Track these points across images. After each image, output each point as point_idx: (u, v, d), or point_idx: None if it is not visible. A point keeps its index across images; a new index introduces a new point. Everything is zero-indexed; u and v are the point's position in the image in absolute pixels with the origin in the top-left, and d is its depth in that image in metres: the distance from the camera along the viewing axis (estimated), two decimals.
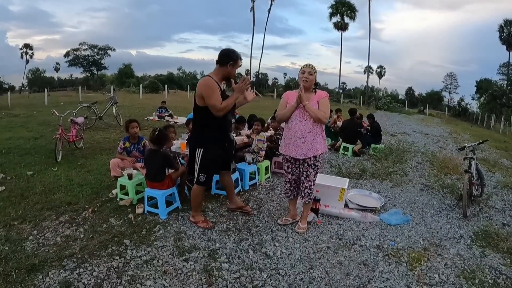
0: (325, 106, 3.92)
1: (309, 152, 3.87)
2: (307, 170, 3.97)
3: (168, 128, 5.36)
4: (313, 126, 3.87)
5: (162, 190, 4.35)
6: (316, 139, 3.88)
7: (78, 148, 8.27)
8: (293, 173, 4.11)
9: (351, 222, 4.47)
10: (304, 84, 3.84)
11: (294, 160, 4.02)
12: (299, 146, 3.88)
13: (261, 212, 4.74)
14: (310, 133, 3.85)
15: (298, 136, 3.86)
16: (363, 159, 8.49)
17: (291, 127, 3.92)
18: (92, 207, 4.54)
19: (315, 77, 3.91)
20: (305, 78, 3.84)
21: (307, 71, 3.84)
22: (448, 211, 5.09)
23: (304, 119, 3.86)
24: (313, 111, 3.78)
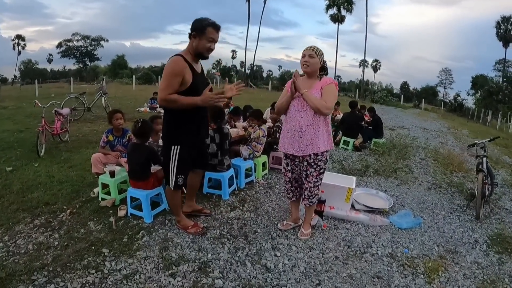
0: (329, 94, 3.27)
1: (308, 148, 3.31)
2: (306, 169, 3.44)
3: (154, 120, 4.83)
4: (314, 119, 3.28)
5: (146, 190, 3.85)
6: (318, 134, 3.30)
7: (63, 141, 7.83)
8: (293, 171, 3.59)
9: (359, 225, 4.04)
10: (304, 69, 3.32)
11: (293, 157, 3.51)
12: (296, 140, 3.34)
13: (259, 214, 4.26)
14: (309, 126, 3.28)
15: (296, 129, 3.32)
16: (365, 154, 8.11)
17: (289, 119, 3.40)
18: (71, 208, 4.11)
19: (320, 61, 3.31)
20: (304, 62, 3.28)
21: (307, 54, 3.26)
22: (459, 212, 4.75)
23: (303, 110, 3.29)
24: (311, 100, 3.19)
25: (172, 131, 3.26)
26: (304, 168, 3.44)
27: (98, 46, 68.02)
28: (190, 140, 3.31)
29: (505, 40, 51.10)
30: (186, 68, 3.04)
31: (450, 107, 44.10)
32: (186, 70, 3.03)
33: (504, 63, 54.21)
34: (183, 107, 3.06)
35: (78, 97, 11.41)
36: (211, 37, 3.04)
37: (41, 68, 77.24)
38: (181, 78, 3.01)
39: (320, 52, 3.30)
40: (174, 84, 2.99)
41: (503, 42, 51.54)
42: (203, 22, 3.05)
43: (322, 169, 3.47)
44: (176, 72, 3.00)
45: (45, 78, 57.10)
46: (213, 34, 3.05)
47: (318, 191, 3.56)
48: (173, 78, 2.99)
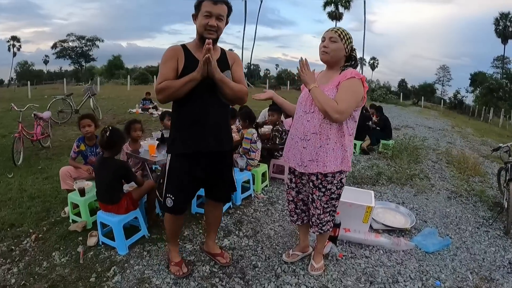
0: (346, 92, 2.38)
1: (311, 164, 2.53)
2: (312, 192, 2.66)
3: (131, 125, 4.14)
4: (322, 126, 2.47)
5: (118, 215, 3.16)
6: (325, 148, 2.48)
7: (45, 147, 7.22)
8: (299, 190, 2.84)
9: (380, 251, 3.39)
10: (322, 56, 2.50)
11: (300, 173, 2.74)
12: (298, 151, 2.58)
13: (259, 241, 3.53)
14: (315, 135, 2.48)
15: (300, 136, 2.57)
16: (374, 158, 7.49)
17: (295, 121, 2.67)
18: (37, 232, 3.51)
19: (345, 47, 2.46)
20: (323, 48, 2.46)
21: (328, 36, 2.44)
22: (486, 226, 4.20)
23: (310, 112, 2.52)
24: (318, 100, 2.37)
25: (170, 134, 2.67)
26: (310, 190, 2.69)
27: (94, 46, 68.60)
28: (182, 148, 2.54)
29: (504, 37, 50.99)
30: (179, 54, 2.47)
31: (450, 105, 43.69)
32: (180, 57, 2.47)
33: (503, 60, 54.03)
34: (180, 94, 2.39)
35: (65, 98, 10.78)
36: (206, 10, 2.37)
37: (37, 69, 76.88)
38: (172, 64, 2.45)
39: (346, 35, 2.46)
40: (165, 71, 2.42)
41: (502, 39, 51.46)
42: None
43: (335, 194, 2.65)
44: (165, 58, 2.46)
45: (41, 80, 56.73)
46: (209, 7, 2.37)
47: (332, 217, 2.80)
48: (163, 65, 2.45)
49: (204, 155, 2.56)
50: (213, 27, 2.39)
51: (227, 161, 2.80)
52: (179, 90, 2.35)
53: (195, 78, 2.32)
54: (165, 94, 2.37)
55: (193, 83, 2.34)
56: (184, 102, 2.46)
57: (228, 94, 2.44)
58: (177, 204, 2.63)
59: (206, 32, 2.39)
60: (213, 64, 2.29)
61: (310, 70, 2.50)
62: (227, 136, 2.69)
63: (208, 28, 2.38)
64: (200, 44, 2.43)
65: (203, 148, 2.52)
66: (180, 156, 2.57)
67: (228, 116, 2.75)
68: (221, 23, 2.43)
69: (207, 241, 3.15)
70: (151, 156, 3.74)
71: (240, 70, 2.68)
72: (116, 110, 13.23)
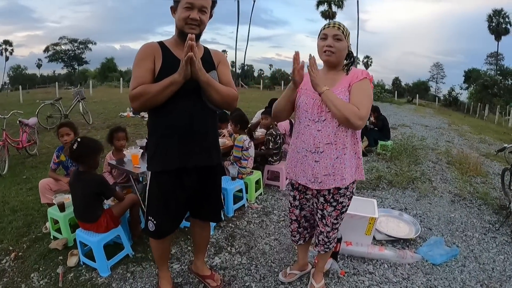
0: (363, 95, 2.13)
1: (327, 179, 2.22)
2: (323, 207, 2.36)
3: (114, 134, 3.89)
4: (338, 134, 2.16)
5: (98, 234, 2.88)
6: (343, 158, 2.19)
7: (32, 155, 6.94)
8: (303, 207, 2.54)
9: (384, 265, 3.15)
10: (327, 58, 2.19)
11: (304, 188, 2.45)
12: (309, 165, 2.24)
13: (253, 257, 3.25)
14: (330, 146, 2.17)
15: (309, 149, 2.21)
16: (372, 159, 7.28)
17: (299, 132, 2.30)
18: (17, 250, 3.27)
19: (348, 45, 2.21)
20: (327, 47, 2.15)
21: (332, 34, 2.14)
22: (493, 231, 4.02)
23: (321, 120, 2.17)
24: (335, 105, 2.05)
25: (148, 148, 2.31)
26: (320, 206, 2.37)
27: (86, 49, 68.46)
28: (162, 164, 2.19)
29: (497, 34, 51.06)
30: (156, 52, 2.10)
31: (445, 102, 43.67)
32: (157, 55, 2.09)
33: (496, 56, 54.14)
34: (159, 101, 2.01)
35: (54, 103, 10.51)
36: (187, 2, 2.02)
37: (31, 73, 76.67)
38: (148, 64, 2.06)
39: (347, 31, 2.19)
40: (139, 74, 2.04)
41: (495, 36, 51.53)
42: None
43: (346, 207, 2.39)
44: (139, 58, 2.08)
45: (35, 84, 56.42)
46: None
47: (338, 232, 2.55)
48: (137, 66, 2.07)
49: (189, 171, 2.21)
50: (195, 20, 2.04)
51: (216, 176, 2.46)
52: (157, 96, 1.98)
53: (176, 81, 1.96)
54: (141, 101, 1.99)
55: (175, 87, 1.98)
56: (164, 109, 2.08)
57: (215, 99, 2.10)
58: (160, 228, 2.29)
59: (187, 26, 2.04)
60: (197, 64, 1.95)
61: (319, 71, 2.17)
62: (215, 148, 2.33)
63: (189, 22, 2.04)
64: (180, 41, 2.11)
65: (188, 163, 2.18)
66: (161, 173, 2.22)
67: (216, 124, 2.42)
68: (204, 17, 2.09)
69: (196, 262, 2.82)
70: (134, 166, 3.45)
71: (228, 71, 2.34)
72: (107, 114, 12.96)
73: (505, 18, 50.12)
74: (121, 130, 3.96)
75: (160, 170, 2.20)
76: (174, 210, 2.31)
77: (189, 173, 2.21)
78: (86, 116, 10.92)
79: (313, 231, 2.65)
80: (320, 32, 2.21)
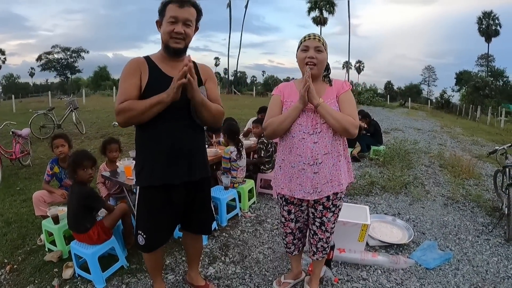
0: (352, 106, 2.27)
1: (326, 187, 2.27)
2: (322, 215, 2.39)
3: (107, 146, 3.90)
4: (333, 144, 2.25)
5: (92, 247, 2.88)
6: (338, 165, 2.28)
7: (25, 166, 6.90)
8: (298, 219, 2.55)
9: (378, 271, 3.17)
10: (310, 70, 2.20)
11: (299, 201, 2.45)
12: (308, 178, 2.25)
13: (247, 267, 3.25)
14: (328, 155, 2.23)
15: (308, 162, 2.23)
16: (365, 165, 7.30)
17: (293, 146, 2.29)
18: (12, 262, 3.26)
19: (326, 57, 2.29)
20: (310, 59, 2.20)
21: (313, 46, 2.20)
22: (486, 234, 4.05)
23: (317, 132, 2.22)
24: (334, 117, 2.15)
25: (136, 163, 2.32)
26: (319, 214, 2.40)
27: (79, 58, 68.12)
28: (150, 180, 2.20)
29: (487, 35, 51.61)
30: (142, 67, 2.11)
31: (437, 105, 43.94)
32: (143, 70, 2.10)
33: (487, 58, 54.70)
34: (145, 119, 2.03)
35: (47, 113, 10.45)
36: (171, 16, 2.03)
37: (23, 82, 76.63)
38: (134, 80, 2.07)
39: (326, 42, 2.28)
40: (126, 89, 2.05)
41: (485, 37, 52.09)
42: (163, 1, 2.10)
43: (340, 208, 2.48)
44: (125, 73, 2.09)
45: (28, 93, 56.23)
46: (174, 11, 2.04)
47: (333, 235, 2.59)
48: (123, 81, 2.08)
49: (176, 186, 2.21)
50: (180, 34, 2.06)
51: (204, 190, 2.47)
52: (143, 114, 2.00)
53: (164, 101, 1.98)
54: (126, 116, 2.00)
55: (161, 106, 2.00)
56: (150, 127, 2.11)
57: (206, 118, 2.15)
58: (150, 242, 2.30)
59: (172, 40, 2.07)
60: (194, 85, 1.98)
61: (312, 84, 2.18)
62: (201, 164, 2.34)
63: (174, 36, 2.06)
64: (166, 55, 2.15)
65: (175, 180, 2.19)
66: (149, 188, 2.23)
67: (202, 139, 2.43)
68: (189, 30, 2.11)
69: (190, 272, 2.83)
70: (127, 178, 3.44)
71: (215, 87, 2.37)
72: (100, 123, 12.88)
73: (494, 20, 50.85)
74: (114, 142, 3.98)
75: (147, 186, 2.22)
76: (163, 224, 2.33)
77: (176, 189, 2.23)
78: (79, 126, 10.89)
79: (305, 240, 2.68)
80: (301, 44, 2.25)
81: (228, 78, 59.51)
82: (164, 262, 3.09)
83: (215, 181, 4.44)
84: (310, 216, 2.48)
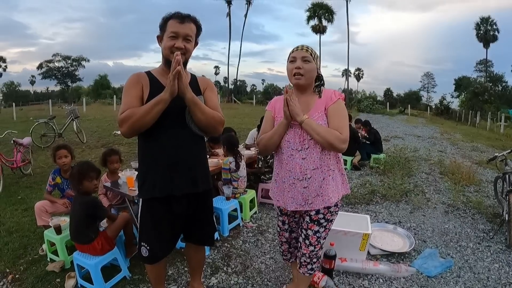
0: (341, 117, 2.20)
1: (317, 200, 2.26)
2: (307, 227, 2.37)
3: (108, 158, 3.91)
4: (322, 159, 2.22)
5: (95, 257, 2.88)
6: (328, 179, 2.25)
7: (26, 175, 6.90)
8: (293, 229, 2.58)
9: (380, 279, 3.17)
10: (296, 81, 2.22)
11: (293, 212, 2.48)
12: (299, 192, 2.27)
13: (249, 277, 3.23)
14: (316, 170, 2.22)
15: (297, 177, 2.25)
16: (366, 173, 7.32)
17: (283, 161, 2.31)
18: (14, 272, 3.25)
19: (317, 67, 2.27)
20: (297, 70, 2.19)
21: (300, 56, 2.19)
22: (487, 240, 4.06)
23: (304, 148, 2.22)
24: (318, 132, 2.12)
25: (138, 175, 2.35)
26: (305, 225, 2.38)
27: (80, 66, 68.14)
28: (152, 192, 2.21)
29: (485, 41, 51.67)
30: (143, 80, 2.18)
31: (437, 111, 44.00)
32: (144, 84, 2.17)
33: (486, 63, 54.81)
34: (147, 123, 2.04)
35: (48, 122, 10.47)
36: (172, 31, 2.10)
37: (24, 90, 76.95)
38: (136, 92, 2.13)
39: (315, 53, 2.25)
40: (128, 100, 2.09)
41: (484, 43, 52.13)
42: (164, 17, 2.17)
43: (331, 223, 2.43)
44: (127, 86, 2.15)
45: (28, 101, 56.18)
46: (175, 26, 2.10)
47: (321, 251, 2.54)
48: (125, 94, 2.13)
49: (178, 198, 2.23)
50: (180, 49, 2.11)
51: (206, 203, 2.48)
52: (145, 117, 2.01)
53: (163, 99, 2.01)
54: (130, 123, 2.01)
55: (162, 105, 2.02)
56: (151, 140, 2.16)
57: (200, 120, 2.13)
58: (153, 253, 2.31)
59: (172, 55, 2.05)
60: (184, 80, 2.02)
61: (296, 100, 2.18)
62: (203, 175, 2.35)
63: (174, 51, 2.08)
64: (166, 69, 2.18)
65: (176, 191, 2.20)
66: (151, 200, 2.25)
67: (204, 151, 2.46)
68: (189, 45, 2.16)
69: (192, 283, 2.82)
70: (129, 189, 3.45)
71: (214, 97, 2.38)
72: (101, 132, 12.89)
73: (492, 25, 50.87)
74: (114, 153, 3.98)
75: (149, 197, 2.24)
76: (166, 235, 2.34)
77: (178, 200, 2.24)
78: (80, 135, 10.91)
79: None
80: (289, 56, 2.25)
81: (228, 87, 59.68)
82: (166, 273, 3.09)
83: (216, 191, 4.43)
84: (300, 227, 2.47)
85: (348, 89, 54.04)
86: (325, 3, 47.01)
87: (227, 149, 4.47)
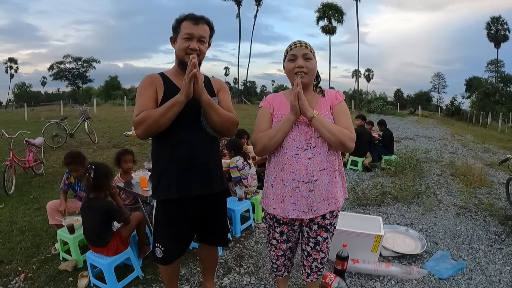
0: (347, 117, 2.13)
1: (322, 205, 2.10)
2: (316, 234, 2.22)
3: (122, 157, 3.92)
4: (329, 159, 2.09)
5: (108, 257, 2.89)
6: (334, 181, 2.12)
7: (38, 174, 6.99)
8: (289, 239, 2.34)
9: (391, 281, 3.15)
10: (302, 80, 2.05)
11: (292, 220, 2.25)
12: (303, 197, 2.07)
13: (261, 278, 3.22)
14: (323, 172, 2.07)
15: (302, 179, 2.05)
16: (377, 175, 7.29)
17: (286, 162, 2.09)
18: (27, 271, 3.28)
19: (316, 65, 2.15)
20: (299, 69, 2.05)
21: (301, 54, 2.06)
22: (499, 243, 4.02)
23: (312, 147, 2.06)
24: (330, 130, 1.99)
25: (152, 177, 2.34)
26: (313, 234, 2.22)
27: (90, 67, 69.06)
28: (166, 193, 2.20)
29: (496, 41, 51.02)
30: (158, 82, 2.18)
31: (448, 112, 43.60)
32: (158, 85, 2.16)
33: (497, 63, 54.12)
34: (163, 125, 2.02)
35: (59, 122, 10.56)
36: (186, 32, 2.09)
37: (35, 91, 77.88)
38: (151, 93, 2.12)
39: (313, 50, 2.14)
40: (142, 102, 2.09)
41: (494, 43, 51.48)
42: (178, 18, 2.17)
43: (335, 227, 2.32)
44: (141, 88, 2.15)
45: (39, 101, 56.89)
46: (189, 28, 2.09)
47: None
48: (140, 95, 2.13)
49: (193, 199, 2.22)
50: (195, 50, 2.10)
51: (220, 203, 2.47)
52: (161, 119, 2.00)
53: (179, 101, 2.00)
54: (145, 125, 2.00)
55: (177, 108, 2.01)
56: (166, 141, 2.15)
57: (215, 121, 2.12)
58: (168, 254, 2.31)
59: (187, 56, 2.06)
60: (200, 82, 2.01)
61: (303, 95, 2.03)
62: (217, 176, 2.33)
63: (189, 52, 2.09)
64: (180, 71, 2.18)
65: (191, 192, 2.19)
66: (166, 201, 2.25)
67: (218, 152, 2.44)
68: (203, 46, 2.16)
69: (205, 283, 2.83)
70: (143, 189, 3.46)
71: (228, 98, 2.37)
72: (112, 133, 12.97)
73: (503, 25, 50.14)
74: (128, 153, 4.01)
75: (164, 198, 2.24)
76: (180, 236, 2.34)
77: (192, 201, 2.24)
78: (91, 136, 10.98)
79: (294, 259, 2.56)
80: (287, 54, 2.11)
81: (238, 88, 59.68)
82: (179, 273, 3.11)
83: (228, 192, 4.44)
84: (303, 236, 2.31)
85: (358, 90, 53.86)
86: (334, 4, 46.91)
87: (234, 153, 4.51)
